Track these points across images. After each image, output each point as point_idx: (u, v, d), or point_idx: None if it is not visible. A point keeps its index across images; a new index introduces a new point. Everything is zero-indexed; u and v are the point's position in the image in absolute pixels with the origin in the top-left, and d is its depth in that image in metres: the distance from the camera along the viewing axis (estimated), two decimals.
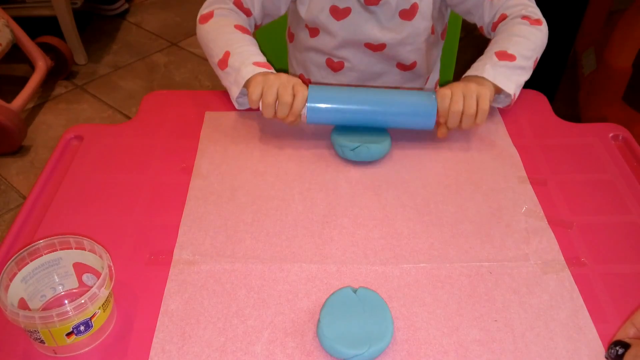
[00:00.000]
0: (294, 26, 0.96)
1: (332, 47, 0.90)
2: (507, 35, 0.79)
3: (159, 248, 0.62)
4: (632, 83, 1.69)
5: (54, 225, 0.64)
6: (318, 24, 0.88)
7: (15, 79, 2.03)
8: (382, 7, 0.84)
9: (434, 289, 0.58)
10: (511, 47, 0.77)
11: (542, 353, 0.52)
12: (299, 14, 0.89)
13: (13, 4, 2.10)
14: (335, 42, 0.89)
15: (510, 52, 0.77)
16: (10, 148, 1.76)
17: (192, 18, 0.80)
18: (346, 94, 0.74)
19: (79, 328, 0.49)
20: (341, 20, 0.86)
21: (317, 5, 0.86)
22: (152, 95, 0.87)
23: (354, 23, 0.86)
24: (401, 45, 0.89)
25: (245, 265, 0.60)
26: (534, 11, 0.82)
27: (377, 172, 0.72)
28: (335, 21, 0.86)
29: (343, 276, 0.59)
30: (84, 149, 0.76)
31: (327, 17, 0.86)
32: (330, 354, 0.51)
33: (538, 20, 0.81)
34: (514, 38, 0.78)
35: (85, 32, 2.26)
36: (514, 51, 0.77)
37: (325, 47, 0.91)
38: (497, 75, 0.75)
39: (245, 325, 0.54)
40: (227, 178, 0.71)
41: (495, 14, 0.84)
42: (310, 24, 0.89)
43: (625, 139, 0.78)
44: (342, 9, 0.85)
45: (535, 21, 0.81)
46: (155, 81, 2.14)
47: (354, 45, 0.89)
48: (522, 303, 0.56)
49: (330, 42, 0.90)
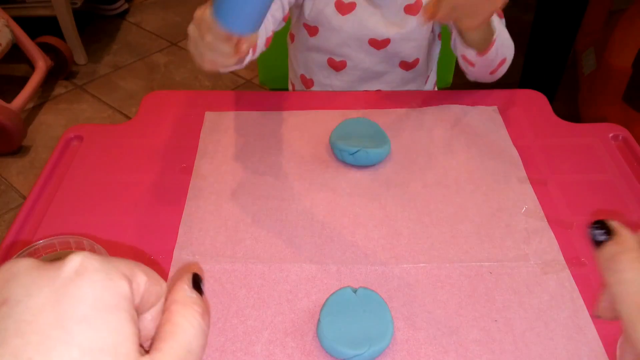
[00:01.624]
0: (295, 27, 0.96)
1: (335, 45, 0.90)
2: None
3: (159, 248, 0.62)
4: (632, 83, 1.69)
5: (54, 225, 0.64)
6: (322, 20, 0.88)
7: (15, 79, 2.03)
8: (388, 0, 0.85)
9: (434, 289, 0.58)
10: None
11: (542, 353, 0.52)
12: (302, 11, 0.89)
13: (13, 4, 2.10)
14: (338, 38, 0.89)
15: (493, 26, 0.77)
16: (10, 148, 1.76)
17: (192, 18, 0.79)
18: None
19: None
20: (346, 15, 0.87)
21: (322, 0, 0.86)
22: (152, 95, 0.87)
23: (359, 18, 0.87)
24: (405, 40, 0.89)
25: (245, 265, 0.60)
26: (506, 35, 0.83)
27: (377, 172, 0.72)
28: (340, 16, 0.87)
29: (343, 276, 0.59)
30: (84, 149, 0.76)
31: (333, 12, 0.87)
32: (330, 354, 0.51)
33: (499, 13, 0.83)
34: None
35: (85, 32, 2.26)
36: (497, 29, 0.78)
37: (327, 45, 0.91)
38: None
39: (245, 325, 0.54)
40: (227, 178, 0.71)
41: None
42: (313, 21, 0.89)
43: (625, 139, 0.78)
44: (347, 4, 0.86)
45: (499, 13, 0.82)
46: (155, 81, 2.14)
47: (357, 41, 0.89)
48: (522, 303, 0.56)
49: (333, 39, 0.90)
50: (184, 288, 0.26)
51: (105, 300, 0.22)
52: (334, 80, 0.95)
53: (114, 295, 0.22)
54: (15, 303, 0.21)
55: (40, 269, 0.22)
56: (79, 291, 0.21)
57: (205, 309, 0.26)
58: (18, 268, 0.22)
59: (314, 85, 0.98)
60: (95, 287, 0.22)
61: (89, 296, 0.21)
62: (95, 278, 0.22)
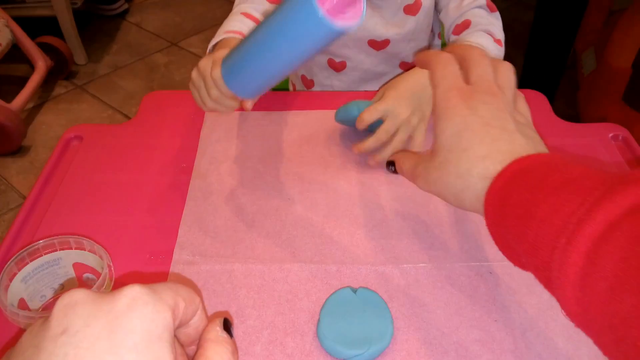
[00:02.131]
0: None
1: (335, 46, 0.90)
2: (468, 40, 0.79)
3: (159, 248, 0.62)
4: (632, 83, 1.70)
5: (54, 225, 0.64)
6: None
7: (15, 79, 2.03)
8: (387, 0, 0.84)
9: (434, 289, 0.58)
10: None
11: (542, 353, 0.52)
12: None
13: (13, 4, 2.10)
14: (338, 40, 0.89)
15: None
16: (10, 148, 1.76)
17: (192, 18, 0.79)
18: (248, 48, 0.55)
19: None
20: None
21: None
22: (152, 95, 0.87)
23: None
24: (404, 41, 0.89)
25: (245, 265, 0.60)
26: (497, 32, 0.82)
27: (377, 172, 0.72)
28: None
29: (343, 276, 0.59)
30: (83, 149, 0.76)
31: None
32: (330, 354, 0.51)
33: (499, 41, 0.82)
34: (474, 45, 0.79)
35: (85, 32, 2.26)
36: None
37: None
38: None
39: (245, 326, 0.54)
40: (227, 178, 0.71)
41: (460, 16, 0.84)
42: None
43: (625, 139, 0.78)
44: None
45: (497, 41, 0.82)
46: (155, 81, 2.14)
47: (357, 43, 0.89)
48: (522, 303, 0.56)
49: None
50: (216, 329, 0.30)
51: (152, 332, 0.25)
52: (335, 81, 0.95)
53: (159, 327, 0.26)
54: (74, 332, 0.24)
55: (96, 301, 0.26)
56: (130, 323, 0.25)
57: (234, 349, 0.30)
58: (76, 300, 0.26)
59: (314, 86, 0.98)
60: (145, 319, 0.25)
61: (139, 328, 0.25)
62: (145, 311, 0.26)
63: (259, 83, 0.58)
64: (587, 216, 0.32)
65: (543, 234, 0.35)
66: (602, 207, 0.32)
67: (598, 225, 0.32)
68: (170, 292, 0.28)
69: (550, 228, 0.34)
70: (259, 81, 0.57)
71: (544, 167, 0.38)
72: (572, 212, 0.33)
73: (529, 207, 0.37)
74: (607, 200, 0.32)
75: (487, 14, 0.84)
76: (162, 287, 0.28)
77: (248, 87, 0.59)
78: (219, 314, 0.52)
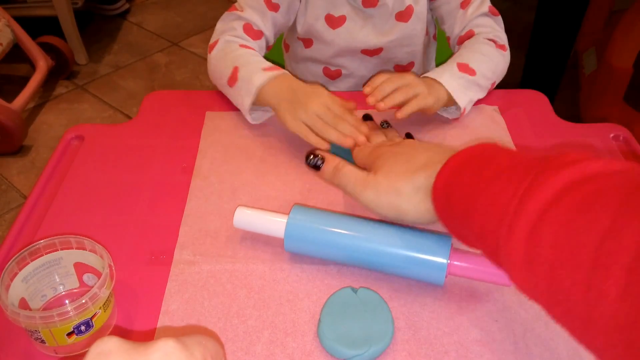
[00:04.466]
0: (289, 37, 0.96)
1: (329, 56, 0.90)
2: (472, 51, 0.80)
3: (160, 248, 0.62)
4: (633, 83, 1.70)
5: (55, 225, 0.65)
6: (314, 34, 0.88)
7: (16, 78, 2.03)
8: (379, 9, 0.84)
9: (434, 288, 0.58)
10: (474, 62, 0.78)
11: (543, 353, 0.52)
12: (295, 25, 0.89)
13: (14, 4, 2.11)
14: (331, 51, 0.89)
15: (472, 67, 0.77)
16: (11, 148, 1.76)
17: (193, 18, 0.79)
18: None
19: (79, 328, 0.50)
20: (337, 29, 0.86)
21: (313, 15, 0.86)
22: (153, 95, 0.87)
23: (350, 30, 0.86)
24: (398, 47, 0.89)
25: (246, 265, 0.60)
26: (501, 37, 0.84)
27: None
28: (330, 30, 0.87)
29: (343, 276, 0.59)
30: (84, 149, 0.76)
31: (323, 26, 0.86)
32: (331, 354, 0.51)
33: (503, 46, 0.83)
34: (478, 55, 0.79)
35: (86, 32, 2.27)
36: (476, 67, 0.78)
37: (321, 56, 0.91)
38: (453, 85, 0.75)
39: (245, 326, 0.54)
40: (228, 178, 0.71)
41: (464, 28, 0.85)
42: (306, 34, 0.89)
43: (626, 139, 0.78)
44: (337, 17, 0.85)
45: (501, 46, 0.82)
46: (156, 81, 2.14)
47: (350, 52, 0.89)
48: (522, 303, 0.56)
49: (326, 51, 0.90)
50: None
51: None
52: (331, 87, 0.95)
53: None
54: None
55: (129, 352, 0.27)
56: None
57: None
58: (109, 349, 0.27)
59: None
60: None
61: None
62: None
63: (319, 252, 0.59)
64: (520, 208, 0.38)
65: (486, 224, 0.42)
66: (532, 197, 0.38)
67: (530, 215, 0.37)
68: (200, 348, 0.30)
69: (491, 219, 0.41)
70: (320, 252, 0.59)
71: (477, 160, 0.46)
72: (507, 204, 0.40)
73: (470, 201, 0.44)
74: (535, 190, 0.38)
75: (491, 21, 0.84)
76: (193, 342, 0.30)
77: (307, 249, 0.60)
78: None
